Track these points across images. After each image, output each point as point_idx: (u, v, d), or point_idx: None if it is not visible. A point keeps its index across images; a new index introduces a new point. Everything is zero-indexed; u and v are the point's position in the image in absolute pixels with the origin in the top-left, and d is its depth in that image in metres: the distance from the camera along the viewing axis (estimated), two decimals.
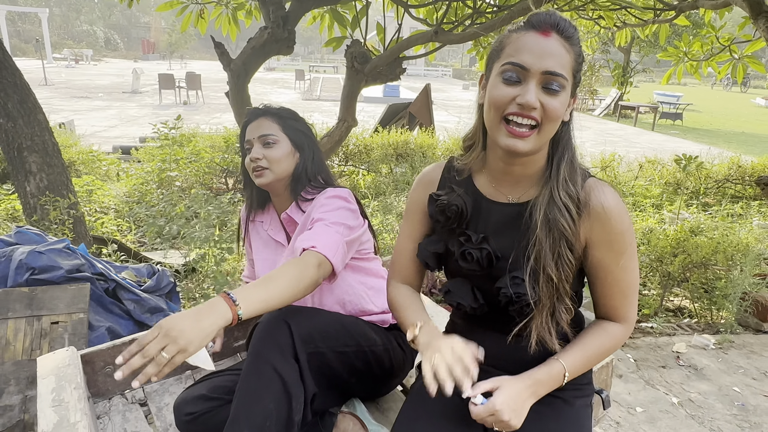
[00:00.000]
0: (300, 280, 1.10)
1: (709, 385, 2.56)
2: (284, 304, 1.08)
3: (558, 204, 0.98)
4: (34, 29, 43.43)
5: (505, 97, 0.94)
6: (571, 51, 0.95)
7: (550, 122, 0.95)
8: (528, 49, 0.93)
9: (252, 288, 1.04)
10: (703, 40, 4.88)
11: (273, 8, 3.25)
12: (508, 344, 1.07)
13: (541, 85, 0.93)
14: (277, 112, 1.44)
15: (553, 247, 0.98)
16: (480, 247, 1.05)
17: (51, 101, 14.22)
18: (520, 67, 0.93)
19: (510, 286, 1.01)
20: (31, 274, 2.11)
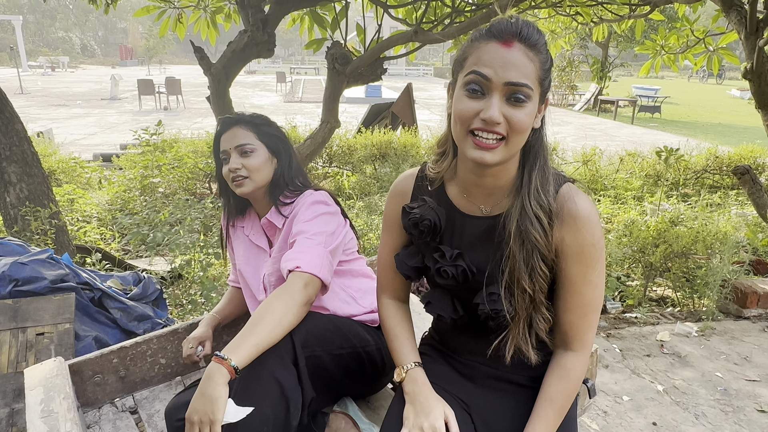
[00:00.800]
0: (286, 314, 1.13)
1: (693, 372, 2.61)
2: (276, 340, 1.11)
3: (530, 215, 0.96)
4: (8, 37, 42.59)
5: (469, 111, 0.92)
6: (536, 59, 0.91)
7: (516, 135, 0.92)
8: (490, 61, 0.89)
9: (241, 337, 1.08)
10: (679, 33, 4.98)
11: (252, 11, 3.25)
12: (488, 340, 1.07)
13: (505, 97, 0.90)
14: (251, 119, 1.43)
15: (526, 260, 0.97)
16: (455, 264, 1.04)
17: (28, 110, 13.99)
18: (483, 77, 0.90)
19: (487, 303, 1.01)
20: (15, 286, 2.09)
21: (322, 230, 1.30)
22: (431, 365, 1.17)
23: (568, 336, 1.04)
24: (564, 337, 1.05)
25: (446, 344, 1.21)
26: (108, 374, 1.45)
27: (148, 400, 1.50)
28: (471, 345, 1.14)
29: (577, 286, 1.00)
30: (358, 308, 1.43)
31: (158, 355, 1.54)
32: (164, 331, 1.54)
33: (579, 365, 1.04)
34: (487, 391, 1.12)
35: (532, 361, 1.02)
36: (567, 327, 1.03)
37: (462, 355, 1.17)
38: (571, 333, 1.03)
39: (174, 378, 1.59)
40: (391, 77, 32.17)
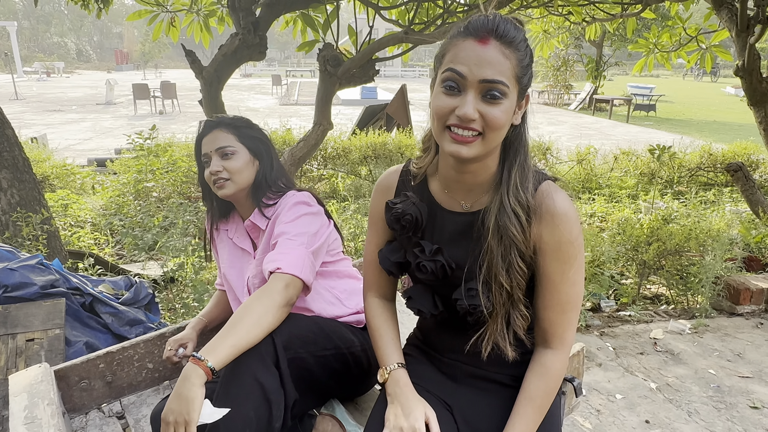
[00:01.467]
0: (265, 314, 1.13)
1: (686, 369, 2.62)
2: (255, 342, 1.11)
3: (508, 211, 0.97)
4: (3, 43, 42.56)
5: (445, 107, 0.93)
6: (512, 56, 0.91)
7: (492, 131, 0.92)
8: (465, 58, 0.90)
9: (219, 338, 1.08)
10: (672, 32, 5.00)
11: (243, 14, 3.24)
12: (469, 338, 1.07)
13: (480, 94, 0.91)
14: (232, 122, 1.43)
15: (504, 256, 0.97)
16: (434, 259, 1.05)
17: (23, 116, 13.96)
18: (458, 74, 0.90)
19: (465, 298, 1.01)
20: (4, 292, 2.08)
21: (304, 231, 1.29)
22: (415, 366, 1.17)
23: (548, 334, 1.04)
24: (544, 335, 1.05)
25: (429, 343, 1.21)
26: (95, 379, 1.45)
27: (135, 405, 1.50)
28: (452, 342, 1.14)
29: (556, 284, 1.00)
30: (343, 309, 1.43)
31: (145, 359, 1.53)
32: (151, 335, 1.54)
33: (559, 363, 1.04)
34: (469, 391, 1.12)
35: (509, 357, 1.02)
36: (546, 324, 1.04)
37: (444, 354, 1.17)
38: (551, 331, 1.03)
39: (162, 383, 1.58)
40: (386, 78, 32.20)
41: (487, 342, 1.02)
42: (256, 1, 3.35)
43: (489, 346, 1.02)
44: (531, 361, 1.07)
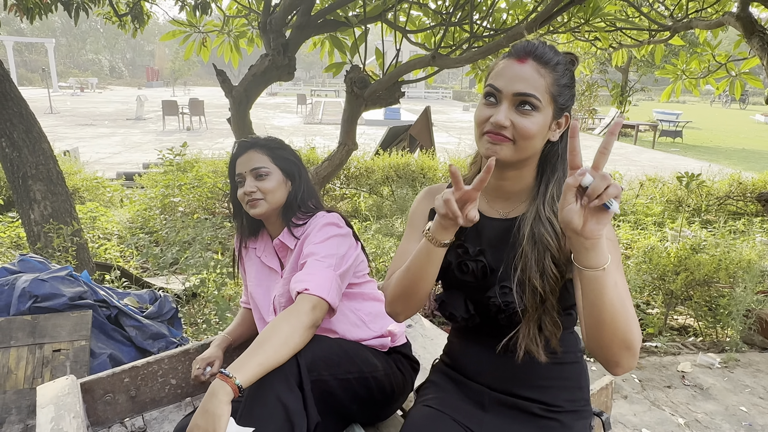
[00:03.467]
0: (292, 335, 1.14)
1: (716, 405, 2.53)
2: (282, 361, 1.12)
3: (543, 220, 1.03)
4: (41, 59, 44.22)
5: (483, 116, 1.02)
6: (548, 75, 1.00)
7: (523, 139, 1.00)
8: (503, 74, 1.01)
9: (246, 356, 1.09)
10: (700, 58, 4.95)
11: (273, 36, 3.32)
12: (498, 356, 1.09)
13: (513, 105, 0.99)
14: (266, 143, 1.46)
15: (538, 260, 1.01)
16: (476, 259, 1.09)
17: (56, 129, 14.40)
18: (495, 89, 1.01)
19: (499, 295, 1.05)
20: (34, 302, 2.13)
21: (333, 252, 1.30)
22: (442, 394, 1.15)
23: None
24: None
25: (457, 366, 1.20)
26: (119, 393, 1.46)
27: (157, 421, 1.50)
28: (481, 360, 1.14)
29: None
30: (367, 332, 1.42)
31: (169, 375, 1.54)
32: (176, 351, 1.55)
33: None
34: (498, 420, 1.10)
35: (542, 359, 1.02)
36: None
37: (471, 377, 1.16)
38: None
39: (184, 399, 1.59)
40: (410, 100, 32.46)
41: (521, 343, 1.03)
42: (287, 24, 3.42)
43: (522, 347, 1.03)
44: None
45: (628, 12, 4.90)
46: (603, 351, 0.92)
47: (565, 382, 1.11)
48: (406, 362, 1.47)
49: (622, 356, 0.91)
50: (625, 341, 0.89)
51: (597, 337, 0.91)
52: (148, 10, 4.34)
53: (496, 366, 1.11)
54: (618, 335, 0.89)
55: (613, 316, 0.88)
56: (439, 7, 3.76)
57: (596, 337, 0.91)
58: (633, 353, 0.91)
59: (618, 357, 0.91)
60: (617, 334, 0.89)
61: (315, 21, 3.43)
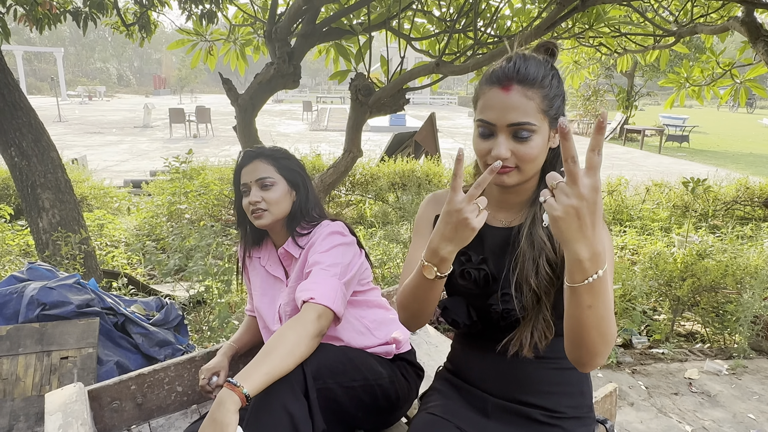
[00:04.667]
0: (298, 344, 1.15)
1: (723, 412, 2.51)
2: (289, 370, 1.13)
3: (538, 222, 1.05)
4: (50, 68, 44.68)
5: (483, 150, 1.03)
6: (536, 95, 0.99)
7: (526, 163, 1.01)
8: (492, 106, 1.00)
9: (253, 365, 1.10)
10: (704, 66, 4.93)
11: (278, 45, 3.35)
12: (500, 361, 1.11)
13: (510, 135, 1.00)
14: (271, 153, 1.47)
15: (534, 259, 1.03)
16: (479, 267, 1.10)
17: (65, 137, 14.54)
18: (488, 123, 1.01)
19: (500, 303, 1.06)
20: (42, 310, 2.15)
21: (338, 261, 1.31)
22: (445, 401, 1.16)
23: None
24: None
25: (460, 372, 1.21)
26: (126, 401, 1.47)
27: (163, 428, 1.51)
28: (484, 366, 1.16)
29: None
30: (372, 339, 1.43)
31: (175, 382, 1.55)
32: (182, 358, 1.56)
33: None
34: (501, 426, 1.11)
35: (529, 355, 1.05)
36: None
37: (475, 383, 1.17)
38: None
39: (190, 406, 1.60)
40: (415, 106, 32.52)
41: (514, 342, 1.05)
42: (292, 32, 3.45)
43: (516, 346, 1.05)
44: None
45: (633, 17, 4.91)
46: (572, 352, 0.94)
47: (567, 387, 1.11)
48: (411, 369, 1.47)
49: (589, 360, 0.93)
50: (592, 351, 0.91)
51: (570, 340, 0.93)
52: (155, 20, 4.39)
53: (499, 372, 1.13)
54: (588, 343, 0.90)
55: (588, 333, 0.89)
56: (443, 14, 3.78)
57: (569, 339, 0.93)
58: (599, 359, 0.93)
59: (585, 360, 0.93)
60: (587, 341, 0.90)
61: (320, 29, 3.46)
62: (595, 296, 0.85)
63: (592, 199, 0.79)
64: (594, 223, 0.80)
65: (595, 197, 0.80)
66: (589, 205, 0.79)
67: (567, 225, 0.80)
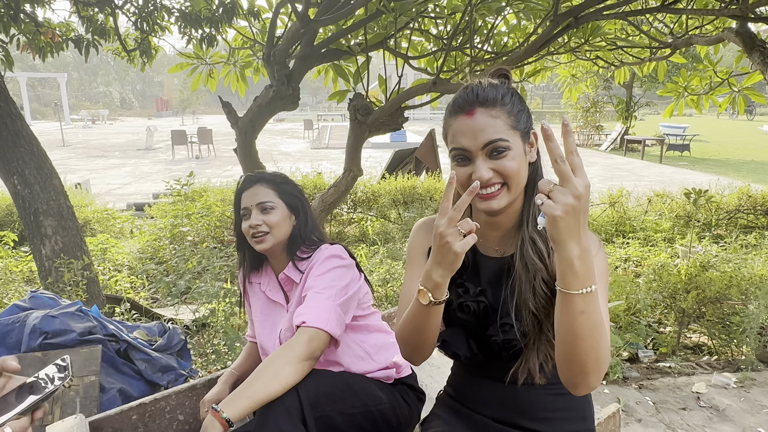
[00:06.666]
0: (283, 368, 1.16)
1: (733, 427, 2.47)
2: (274, 395, 1.13)
3: (526, 241, 1.06)
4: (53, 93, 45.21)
5: (464, 176, 1.04)
6: (500, 113, 1.02)
7: (511, 179, 1.02)
8: (462, 133, 1.03)
9: (237, 390, 1.12)
10: (701, 75, 4.96)
11: (277, 67, 3.39)
12: (501, 388, 1.09)
13: (486, 155, 1.02)
14: (272, 178, 1.50)
15: (530, 281, 1.03)
16: (477, 300, 1.09)
17: (68, 161, 14.65)
18: (462, 149, 1.03)
19: (500, 333, 1.06)
20: (44, 339, 2.15)
21: (333, 284, 1.32)
22: (446, 428, 1.15)
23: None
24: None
25: (460, 398, 1.21)
26: (127, 431, 1.46)
27: None
28: (484, 393, 1.15)
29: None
30: (372, 364, 1.42)
31: (176, 411, 1.54)
32: (183, 387, 1.55)
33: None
34: None
35: (540, 382, 1.05)
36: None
37: (475, 409, 1.16)
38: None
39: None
40: (415, 122, 32.68)
41: (522, 370, 1.05)
42: (290, 55, 3.49)
43: (524, 374, 1.04)
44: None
45: (629, 30, 4.95)
46: (564, 370, 0.94)
47: (569, 413, 1.10)
48: (412, 393, 1.46)
49: (581, 380, 0.93)
50: (585, 369, 0.91)
51: (561, 354, 0.93)
52: (156, 45, 4.45)
53: (500, 398, 1.12)
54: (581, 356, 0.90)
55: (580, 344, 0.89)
56: (440, 32, 3.82)
57: (561, 353, 0.93)
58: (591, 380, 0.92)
59: (577, 379, 0.93)
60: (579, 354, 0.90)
61: (318, 51, 3.49)
62: (588, 301, 0.86)
63: (585, 196, 0.82)
64: (584, 221, 0.84)
65: (588, 195, 0.83)
66: (583, 202, 0.82)
67: (565, 223, 0.81)
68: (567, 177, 0.81)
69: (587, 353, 0.89)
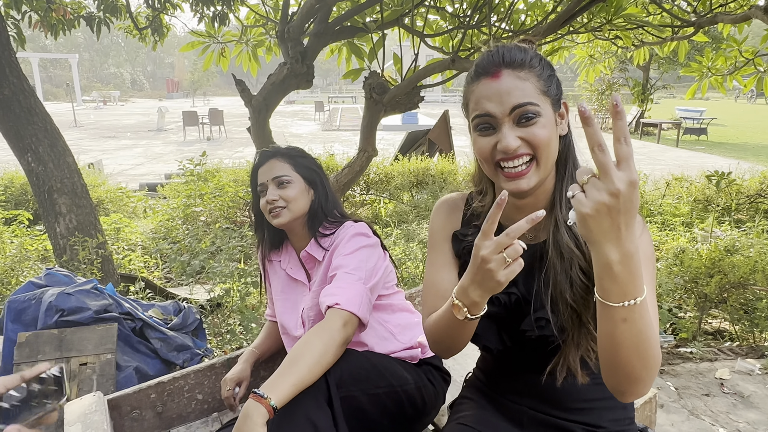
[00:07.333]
0: (326, 353, 1.11)
1: (758, 414, 2.42)
2: (315, 379, 1.09)
3: (560, 225, 0.95)
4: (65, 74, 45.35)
5: (487, 147, 0.93)
6: (529, 75, 0.91)
7: (541, 150, 0.91)
8: (486, 97, 0.91)
9: (280, 375, 1.06)
10: (726, 55, 4.81)
11: (291, 44, 3.32)
12: (536, 377, 1.01)
13: (514, 122, 0.90)
14: (287, 152, 1.45)
15: (566, 272, 0.93)
16: (508, 291, 1.00)
17: (80, 142, 14.70)
18: (487, 115, 0.91)
19: (535, 328, 0.97)
20: (60, 316, 2.13)
21: (362, 265, 1.27)
22: (476, 411, 1.10)
23: None
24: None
25: (493, 385, 1.14)
26: (146, 410, 1.44)
27: None
28: (519, 385, 1.08)
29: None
30: (396, 344, 1.38)
31: (195, 390, 1.52)
32: (202, 366, 1.53)
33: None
34: None
35: (584, 381, 0.96)
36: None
37: (510, 397, 1.10)
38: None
39: (210, 414, 1.57)
40: (427, 104, 32.41)
41: (561, 368, 0.96)
42: (305, 32, 3.42)
43: (564, 372, 0.96)
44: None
45: (650, 9, 4.80)
46: (608, 377, 0.86)
47: (609, 402, 1.05)
48: (437, 374, 1.42)
49: (628, 387, 0.84)
50: (631, 376, 0.82)
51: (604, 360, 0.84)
52: (167, 23, 4.39)
53: (535, 389, 1.05)
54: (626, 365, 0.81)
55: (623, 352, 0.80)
56: (456, 10, 3.72)
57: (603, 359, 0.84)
58: (640, 387, 0.83)
59: (624, 387, 0.84)
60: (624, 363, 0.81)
61: (332, 28, 3.42)
62: (632, 310, 0.76)
63: (627, 194, 0.69)
64: (627, 222, 0.71)
65: (631, 193, 0.70)
66: (624, 202, 0.69)
67: (597, 224, 0.71)
68: (605, 169, 0.69)
69: (632, 362, 0.80)
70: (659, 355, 0.82)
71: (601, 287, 0.76)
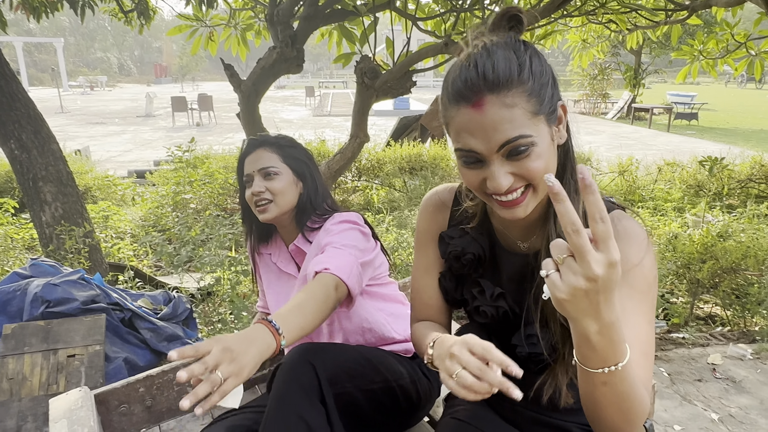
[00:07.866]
0: (326, 302, 1.06)
1: (750, 399, 2.43)
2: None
3: (553, 238, 0.85)
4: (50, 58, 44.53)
5: (475, 181, 0.84)
6: (518, 97, 0.77)
7: (537, 179, 0.81)
8: (469, 131, 0.79)
9: (288, 314, 0.98)
10: (718, 38, 4.79)
11: (281, 28, 3.24)
12: (528, 401, 0.96)
13: (504, 157, 0.79)
14: (276, 141, 1.38)
15: None
16: (495, 304, 0.96)
17: (67, 128, 14.47)
18: (470, 152, 0.80)
19: (526, 345, 0.92)
20: (47, 307, 2.09)
21: (353, 243, 1.23)
22: (472, 406, 1.07)
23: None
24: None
25: None
26: (134, 404, 1.41)
27: (174, 431, 1.45)
28: (508, 402, 1.04)
29: (628, 315, 0.82)
30: (393, 334, 1.36)
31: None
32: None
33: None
34: None
35: (562, 403, 0.92)
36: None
37: (504, 398, 1.06)
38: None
39: None
40: (419, 89, 32.18)
41: (549, 387, 0.91)
42: (294, 15, 3.34)
43: (551, 390, 0.91)
44: None
45: None
46: (592, 425, 0.82)
47: None
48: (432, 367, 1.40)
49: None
50: (613, 428, 0.78)
51: (586, 411, 0.81)
52: (153, 6, 4.28)
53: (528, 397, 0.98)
54: (607, 421, 0.78)
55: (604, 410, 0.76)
56: None
57: (585, 410, 0.81)
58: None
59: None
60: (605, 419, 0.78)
61: (323, 11, 3.34)
62: (611, 374, 0.71)
63: (605, 276, 0.62)
64: (607, 298, 0.65)
65: (611, 275, 0.63)
66: (602, 284, 0.63)
67: (573, 306, 0.65)
68: (582, 253, 0.61)
69: (613, 419, 0.75)
70: (646, 409, 0.77)
71: (580, 353, 0.72)
